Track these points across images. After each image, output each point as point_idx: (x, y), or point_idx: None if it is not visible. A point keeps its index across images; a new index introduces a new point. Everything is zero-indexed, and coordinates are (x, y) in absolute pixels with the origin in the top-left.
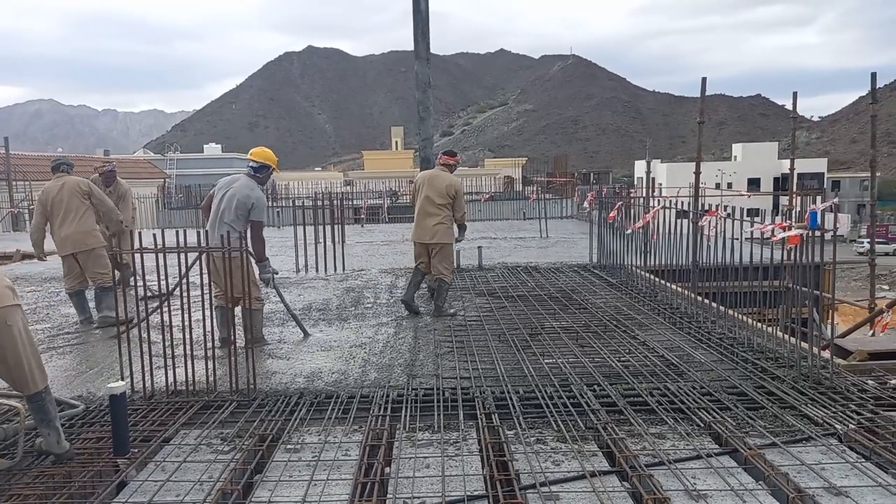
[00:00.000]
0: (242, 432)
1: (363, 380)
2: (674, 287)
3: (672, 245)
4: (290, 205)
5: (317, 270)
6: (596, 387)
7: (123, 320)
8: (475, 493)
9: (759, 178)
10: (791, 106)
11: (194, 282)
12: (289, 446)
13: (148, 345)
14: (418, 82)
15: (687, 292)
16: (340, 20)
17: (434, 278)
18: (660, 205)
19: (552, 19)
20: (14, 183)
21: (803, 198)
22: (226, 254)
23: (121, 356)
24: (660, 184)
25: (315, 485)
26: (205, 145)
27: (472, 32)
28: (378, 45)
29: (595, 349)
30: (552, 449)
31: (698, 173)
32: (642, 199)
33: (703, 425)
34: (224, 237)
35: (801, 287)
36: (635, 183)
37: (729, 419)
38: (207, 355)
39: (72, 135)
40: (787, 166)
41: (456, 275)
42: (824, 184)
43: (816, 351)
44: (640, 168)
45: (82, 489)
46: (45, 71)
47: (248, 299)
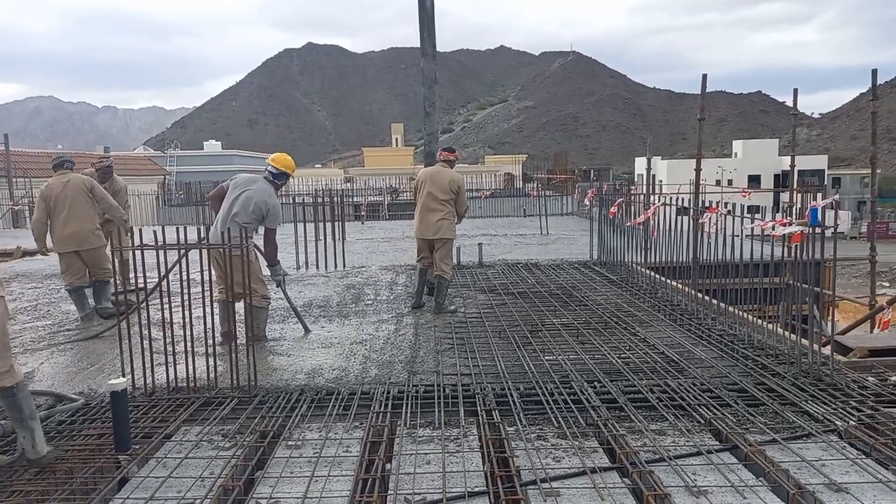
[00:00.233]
0: (243, 429)
1: (364, 376)
2: (674, 284)
3: (672, 242)
4: (291, 202)
5: (317, 267)
6: (596, 383)
7: (122, 305)
8: (476, 489)
9: (760, 175)
10: (791, 103)
11: (195, 278)
12: (290, 443)
13: (149, 341)
14: (424, 78)
15: (687, 289)
16: (340, 17)
17: (434, 275)
18: (660, 201)
19: (551, 18)
20: (14, 180)
21: (804, 195)
22: (225, 249)
23: (122, 353)
24: (660, 181)
25: (316, 481)
26: (205, 142)
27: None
28: (378, 41)
29: (595, 346)
30: (553, 445)
31: (699, 170)
32: (643, 195)
33: (703, 422)
34: (224, 234)
35: (802, 284)
36: (636, 180)
37: (729, 416)
38: (208, 352)
39: (71, 132)
40: (788, 163)
41: (456, 271)
42: (825, 181)
43: (817, 348)
44: (641, 165)
45: (84, 485)
46: (44, 68)
47: (249, 296)
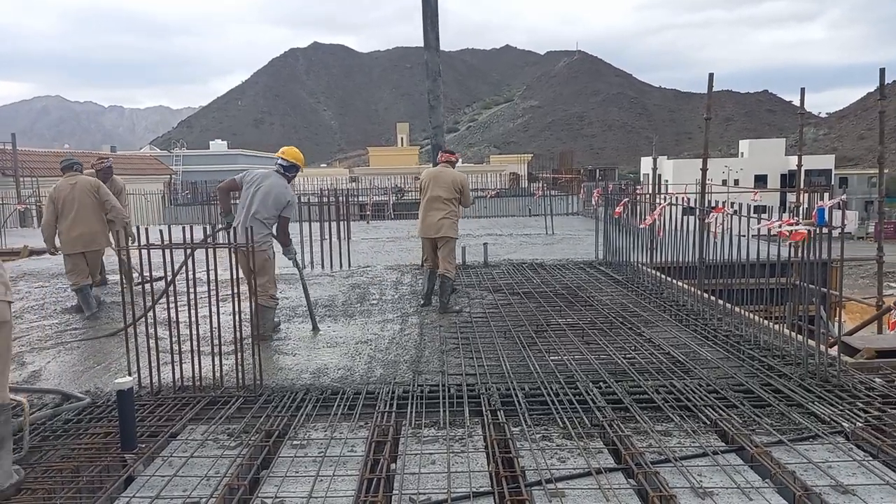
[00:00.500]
0: (249, 428)
1: (369, 376)
2: (680, 284)
3: (678, 242)
4: (296, 201)
5: (322, 267)
6: (602, 384)
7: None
8: (481, 489)
9: (767, 175)
10: (798, 102)
11: (201, 277)
12: (295, 442)
13: (155, 340)
14: (428, 71)
15: (693, 289)
16: (344, 15)
17: (437, 274)
18: (666, 201)
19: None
20: (21, 179)
21: (811, 194)
22: (254, 247)
23: (128, 352)
24: (666, 180)
25: (321, 480)
26: (210, 142)
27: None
28: (383, 40)
29: (601, 346)
30: (558, 446)
31: (705, 170)
32: (648, 195)
33: (709, 423)
34: (248, 231)
35: (809, 284)
36: (641, 179)
37: (735, 417)
38: (214, 351)
39: (78, 131)
40: (795, 163)
41: (461, 271)
42: (832, 180)
43: (823, 348)
44: (647, 164)
45: (90, 484)
46: (50, 67)
47: (257, 295)
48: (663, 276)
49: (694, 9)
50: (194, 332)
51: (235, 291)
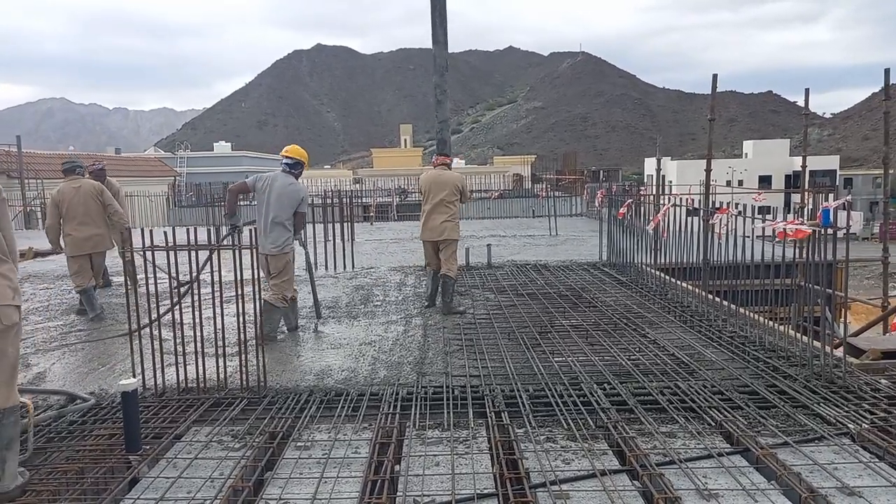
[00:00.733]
0: (253, 429)
1: (373, 377)
2: (684, 285)
3: (683, 243)
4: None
5: (326, 268)
6: (606, 385)
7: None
8: (485, 491)
9: (771, 176)
10: (803, 102)
11: (205, 279)
12: (299, 444)
13: (159, 342)
14: (436, 66)
15: (698, 290)
16: (349, 17)
17: (440, 275)
18: (670, 202)
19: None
20: (26, 181)
21: (815, 195)
22: (274, 252)
23: (132, 353)
24: (670, 181)
25: (325, 482)
26: (214, 143)
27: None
28: (387, 42)
29: (605, 347)
30: (562, 447)
31: (709, 171)
32: (652, 196)
33: (714, 424)
34: (270, 236)
35: (814, 285)
36: (645, 180)
37: (740, 418)
38: (218, 353)
39: (83, 133)
40: (799, 163)
41: (465, 273)
42: (836, 181)
43: (829, 349)
44: (651, 165)
45: (95, 485)
46: (55, 69)
47: (271, 293)
48: (668, 278)
49: (699, 10)
50: (198, 334)
51: (239, 293)
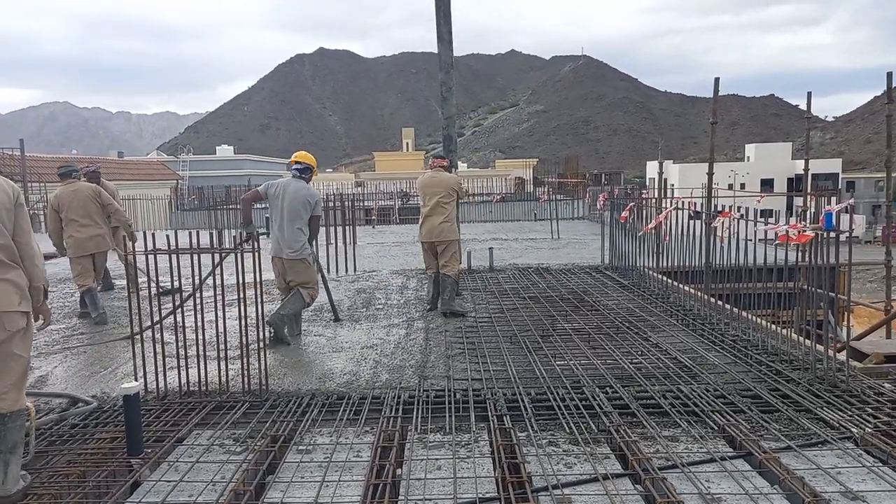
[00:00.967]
0: (255, 433)
1: (375, 381)
2: (686, 288)
3: (685, 246)
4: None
5: (328, 272)
6: (608, 389)
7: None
8: (487, 495)
9: (773, 179)
10: (805, 106)
11: (207, 283)
12: (300, 447)
13: (161, 346)
14: (441, 63)
15: (700, 294)
16: (351, 20)
17: (441, 274)
18: (672, 206)
19: (557, 21)
20: (29, 185)
21: (818, 199)
22: (293, 257)
23: (134, 356)
24: (672, 185)
25: (327, 486)
26: (217, 147)
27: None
28: (389, 46)
29: (607, 351)
30: (564, 451)
31: (711, 174)
32: (654, 200)
33: (716, 428)
34: (286, 241)
35: (816, 289)
36: (647, 184)
37: (743, 422)
38: (220, 356)
39: (86, 137)
40: (801, 167)
41: (467, 276)
42: (839, 184)
43: (832, 353)
44: (652, 169)
45: (96, 489)
46: (58, 73)
47: (305, 288)
48: (670, 281)
49: (700, 12)
50: (200, 337)
51: (241, 297)
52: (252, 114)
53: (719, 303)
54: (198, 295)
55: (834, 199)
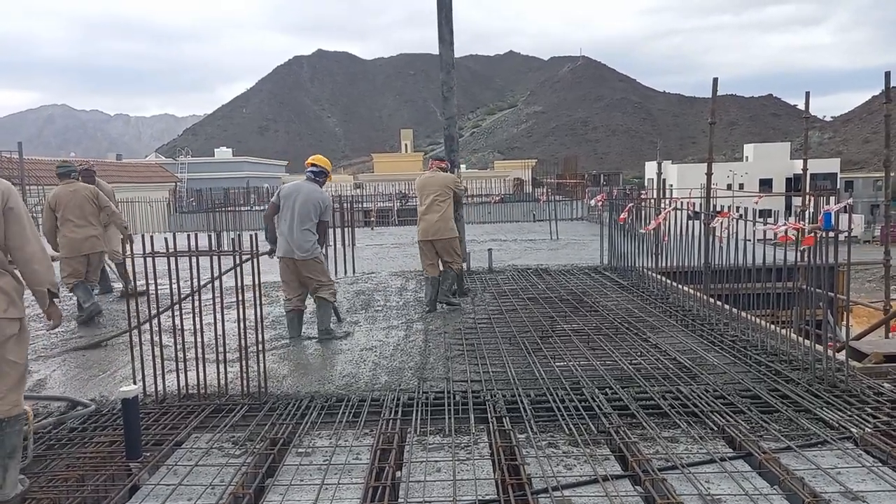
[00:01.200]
0: (254, 436)
1: (374, 383)
2: (686, 289)
3: (684, 247)
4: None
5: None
6: (608, 390)
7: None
8: (487, 497)
9: (772, 179)
10: (803, 106)
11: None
12: (300, 450)
13: (160, 349)
14: (442, 63)
15: (699, 294)
16: (349, 22)
17: (443, 269)
18: (671, 206)
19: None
20: (28, 187)
21: (816, 198)
22: (305, 257)
23: (133, 360)
24: (671, 185)
25: (326, 489)
26: (216, 149)
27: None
28: (387, 47)
29: (606, 352)
30: (564, 453)
31: (710, 174)
32: (653, 200)
33: (716, 429)
34: (296, 242)
35: (815, 288)
36: (646, 184)
37: (743, 423)
38: (219, 359)
39: (84, 139)
40: (800, 167)
41: (466, 277)
42: (837, 184)
43: (831, 353)
44: (651, 169)
45: (95, 493)
46: (57, 75)
47: (323, 292)
48: (669, 281)
49: (701, 13)
50: (199, 340)
51: (240, 299)
52: (250, 116)
53: (718, 303)
54: (195, 297)
55: (832, 198)
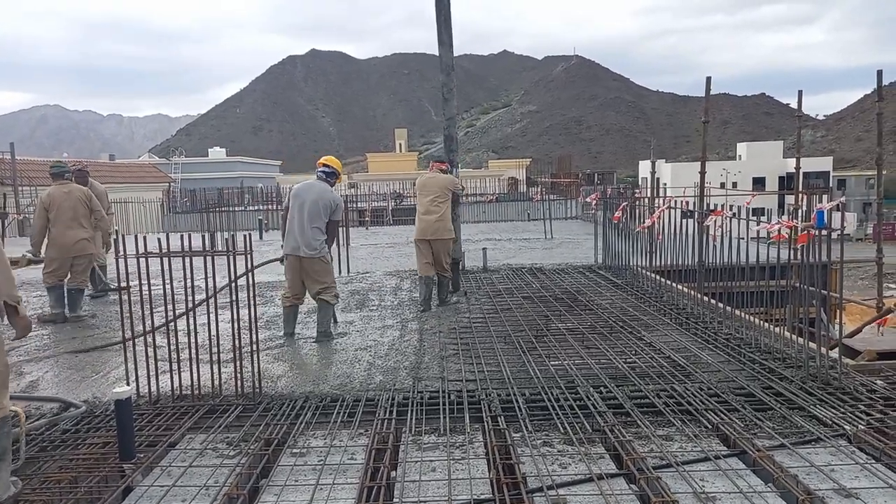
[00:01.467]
0: (248, 436)
1: (368, 383)
2: (680, 287)
3: (677, 245)
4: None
5: None
6: (602, 388)
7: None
8: (482, 496)
9: (765, 178)
10: (796, 104)
11: (199, 285)
12: (294, 450)
13: (154, 349)
14: (442, 66)
15: (693, 293)
16: (344, 22)
17: (435, 273)
18: (665, 205)
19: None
20: (20, 188)
21: (809, 196)
22: (312, 255)
23: (126, 361)
24: (664, 184)
25: (321, 489)
26: (209, 149)
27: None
28: (381, 47)
29: (601, 350)
30: (559, 451)
31: (703, 173)
32: (647, 199)
33: (710, 427)
34: (306, 240)
35: (809, 286)
36: (640, 183)
37: (737, 420)
38: (213, 359)
39: (77, 140)
40: (793, 165)
41: (461, 276)
42: (830, 182)
43: (824, 351)
44: (645, 168)
45: (88, 494)
46: (50, 76)
47: (325, 294)
48: (663, 280)
49: (695, 13)
50: (193, 341)
51: (234, 299)
52: (244, 116)
53: (712, 301)
54: (188, 298)
55: (825, 196)
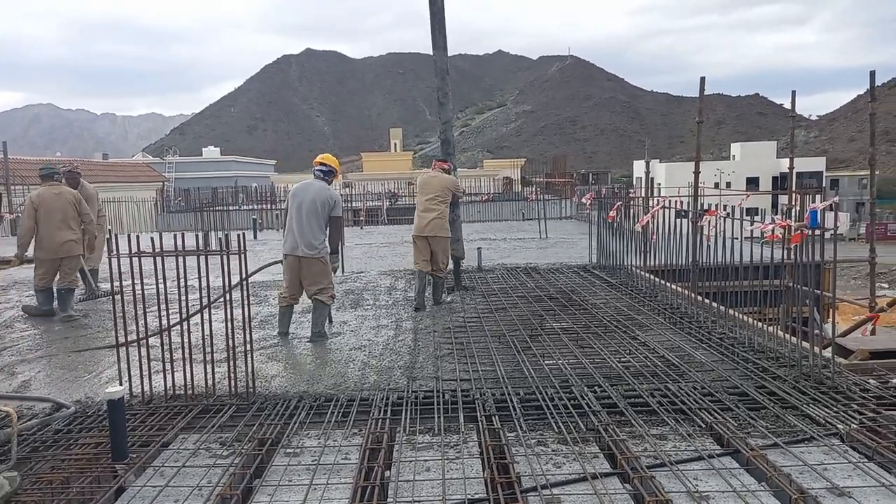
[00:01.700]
0: (241, 436)
1: (363, 382)
2: (674, 287)
3: (672, 245)
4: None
5: None
6: (597, 388)
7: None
8: (476, 496)
9: (758, 178)
10: (789, 105)
11: (192, 285)
12: (288, 450)
13: (146, 349)
14: (437, 69)
15: (687, 292)
16: (339, 22)
17: (430, 272)
18: (659, 205)
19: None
20: (13, 188)
21: (803, 196)
22: (311, 255)
23: (119, 361)
24: (659, 184)
25: (315, 489)
26: (203, 148)
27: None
28: (376, 47)
29: (595, 350)
30: (553, 451)
31: (697, 173)
32: (641, 199)
33: (704, 426)
34: (306, 241)
35: (802, 286)
36: (634, 183)
37: (730, 420)
38: (206, 359)
39: (70, 139)
40: (786, 165)
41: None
42: (823, 182)
43: (818, 350)
44: (639, 168)
45: (80, 495)
46: (44, 75)
47: (321, 295)
48: (657, 280)
49: (689, 13)
50: (186, 340)
51: (227, 298)
52: (239, 115)
53: (706, 301)
54: (182, 297)
55: (818, 196)
